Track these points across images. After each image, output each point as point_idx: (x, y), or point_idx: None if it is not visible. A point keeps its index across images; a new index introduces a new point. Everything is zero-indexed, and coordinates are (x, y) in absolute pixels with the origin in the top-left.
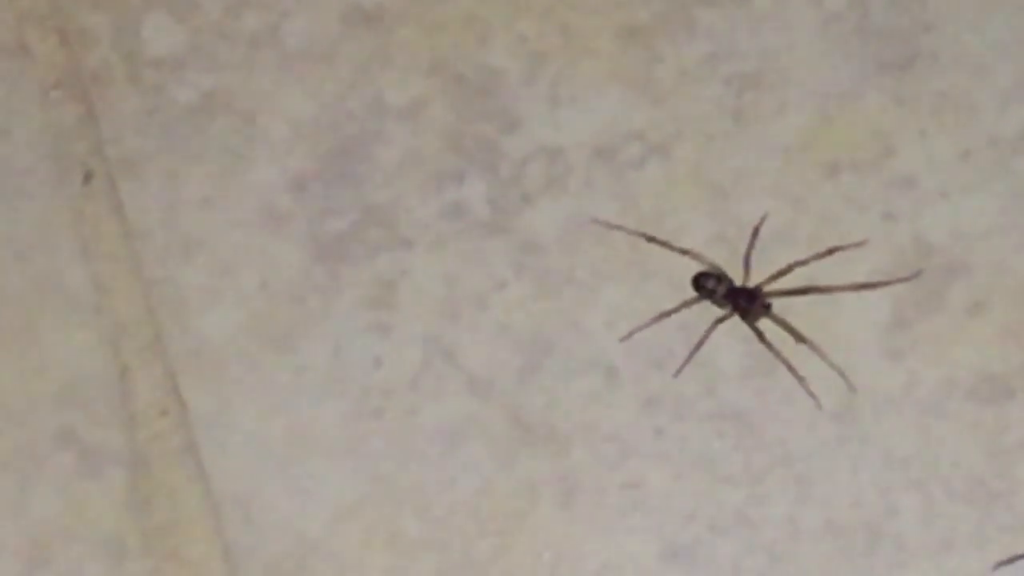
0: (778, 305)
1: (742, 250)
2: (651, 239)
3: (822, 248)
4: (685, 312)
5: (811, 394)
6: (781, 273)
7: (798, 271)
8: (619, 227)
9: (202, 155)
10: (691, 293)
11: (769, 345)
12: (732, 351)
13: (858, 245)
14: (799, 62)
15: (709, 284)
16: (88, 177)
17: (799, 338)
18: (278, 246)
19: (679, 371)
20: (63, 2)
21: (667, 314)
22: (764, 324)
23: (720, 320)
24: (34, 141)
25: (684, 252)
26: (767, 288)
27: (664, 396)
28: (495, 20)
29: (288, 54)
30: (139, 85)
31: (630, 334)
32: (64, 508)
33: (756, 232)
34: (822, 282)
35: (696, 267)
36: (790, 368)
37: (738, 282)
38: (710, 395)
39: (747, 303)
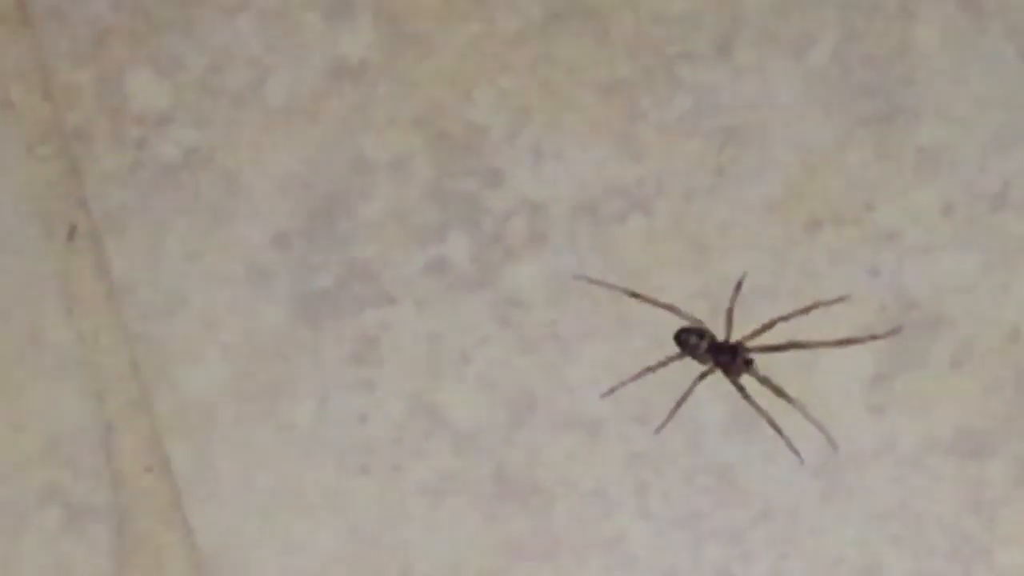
0: (761, 360)
1: (724, 305)
2: (634, 295)
3: (804, 303)
4: (668, 367)
5: (793, 450)
6: (763, 328)
7: (780, 326)
8: (602, 283)
9: (186, 211)
10: (674, 348)
11: (751, 401)
12: (715, 406)
13: (840, 300)
14: (781, 117)
15: (691, 340)
16: (72, 232)
17: (780, 394)
18: (262, 302)
19: (661, 427)
20: (47, 58)
21: (650, 370)
22: (746, 379)
23: (702, 376)
24: (19, 196)
25: (667, 307)
26: (749, 343)
27: (647, 451)
28: (478, 76)
29: (271, 110)
30: (123, 141)
31: (612, 390)
32: (50, 564)
33: (738, 287)
34: (805, 337)
35: (679, 322)
36: (772, 424)
37: (720, 337)
38: (693, 450)
39: (729, 359)
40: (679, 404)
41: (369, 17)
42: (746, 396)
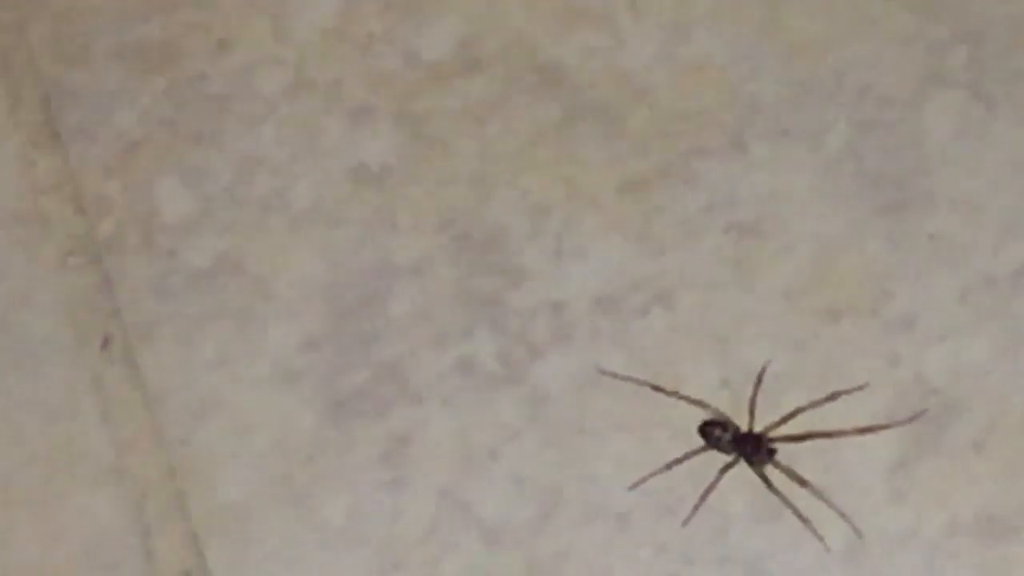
0: (783, 449)
1: (746, 395)
2: (657, 389)
3: (825, 391)
4: (694, 458)
5: (818, 537)
6: (786, 419)
7: (802, 414)
8: (626, 377)
9: (216, 317)
10: (698, 440)
11: (776, 490)
12: (741, 496)
13: (860, 388)
14: (797, 208)
15: (715, 432)
16: (106, 342)
17: (802, 483)
18: (293, 404)
19: (688, 519)
20: (77, 171)
21: (676, 462)
22: (770, 469)
23: (727, 467)
24: (53, 307)
25: (690, 401)
26: (772, 433)
27: (675, 542)
28: (499, 176)
29: (297, 216)
30: (153, 250)
31: (639, 482)
32: None
33: (760, 378)
34: (826, 425)
35: (703, 414)
36: (796, 512)
37: (743, 428)
38: (720, 540)
39: (753, 449)
40: (704, 496)
41: (389, 122)
42: (770, 486)
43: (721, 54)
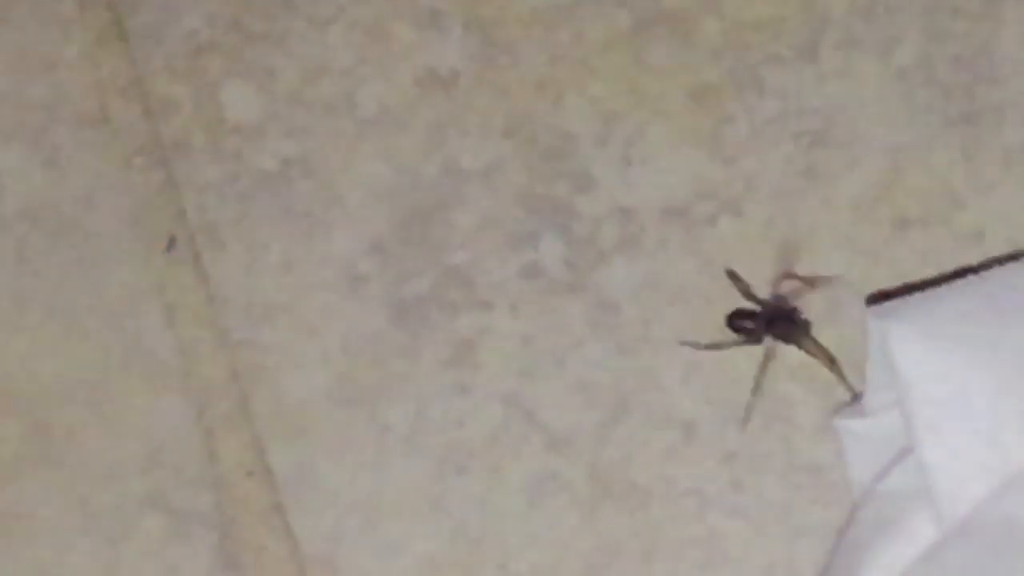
0: None
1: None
2: (733, 276)
3: None
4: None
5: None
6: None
7: None
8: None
9: (282, 221)
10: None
11: (825, 358)
12: (808, 406)
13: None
14: (868, 118)
15: (744, 324)
16: (171, 244)
17: (831, 361)
18: (358, 309)
19: (747, 420)
20: (143, 72)
21: (715, 347)
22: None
23: (768, 356)
24: (118, 209)
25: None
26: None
27: (741, 450)
28: (567, 83)
29: (364, 120)
30: (219, 152)
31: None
32: (154, 570)
33: (813, 280)
34: None
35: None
36: (848, 386)
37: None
38: (787, 449)
39: (786, 325)
40: (756, 389)
41: (459, 27)
42: (820, 355)
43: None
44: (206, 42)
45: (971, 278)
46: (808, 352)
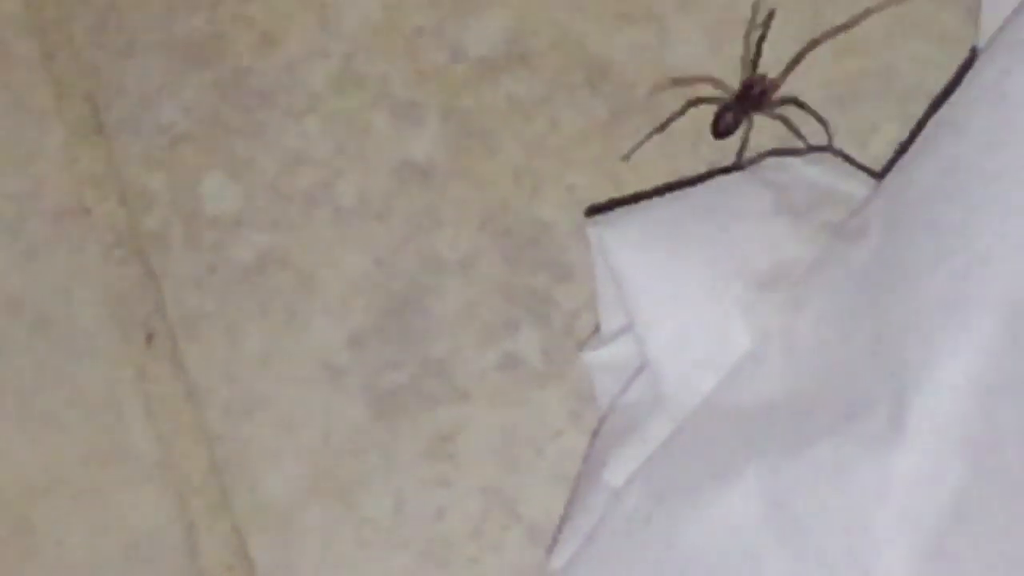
0: None
1: None
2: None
3: None
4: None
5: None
6: (797, 60)
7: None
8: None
9: (260, 313)
10: None
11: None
12: None
13: None
14: None
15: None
16: (150, 337)
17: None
18: (337, 401)
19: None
20: (120, 164)
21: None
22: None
23: (747, 132)
24: (96, 302)
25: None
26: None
27: None
28: (544, 173)
29: (341, 211)
30: (197, 244)
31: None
32: None
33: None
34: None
35: None
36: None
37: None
38: None
39: (757, 99)
40: (739, 156)
41: (436, 118)
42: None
43: (767, 54)
44: (183, 134)
45: (685, 189)
46: (786, 123)
